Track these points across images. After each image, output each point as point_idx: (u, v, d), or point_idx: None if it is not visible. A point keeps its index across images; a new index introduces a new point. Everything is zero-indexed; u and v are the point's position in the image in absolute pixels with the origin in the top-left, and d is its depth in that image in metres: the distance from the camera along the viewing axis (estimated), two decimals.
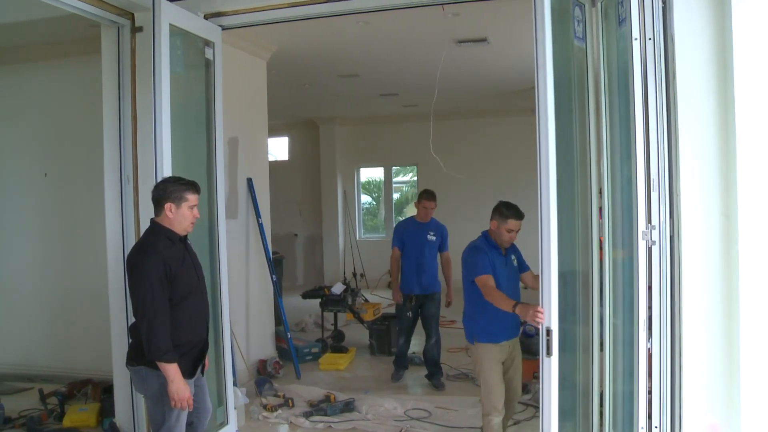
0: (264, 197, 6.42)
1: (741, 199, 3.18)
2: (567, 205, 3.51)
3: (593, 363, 3.64)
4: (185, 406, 3.09)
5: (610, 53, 3.56)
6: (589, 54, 3.59)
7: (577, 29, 3.43)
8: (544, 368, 3.02)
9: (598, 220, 3.62)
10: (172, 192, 3.19)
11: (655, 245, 2.93)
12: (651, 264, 2.92)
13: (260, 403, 5.14)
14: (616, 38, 3.43)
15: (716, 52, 3.28)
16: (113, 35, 4.15)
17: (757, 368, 3.19)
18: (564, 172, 3.29)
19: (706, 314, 3.33)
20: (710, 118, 3.31)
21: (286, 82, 7.80)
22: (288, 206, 11.75)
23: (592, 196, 3.62)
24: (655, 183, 2.91)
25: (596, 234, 3.62)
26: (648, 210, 2.93)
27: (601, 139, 3.52)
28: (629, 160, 3.19)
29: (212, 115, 4.26)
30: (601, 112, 3.54)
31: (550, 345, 2.97)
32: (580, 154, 3.63)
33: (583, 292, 3.67)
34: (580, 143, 3.62)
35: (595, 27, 3.55)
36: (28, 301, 6.04)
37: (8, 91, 6.08)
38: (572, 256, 3.61)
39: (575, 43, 3.43)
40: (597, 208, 3.62)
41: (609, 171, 3.57)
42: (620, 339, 3.47)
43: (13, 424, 4.75)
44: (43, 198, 5.99)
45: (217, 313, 4.22)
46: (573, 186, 3.60)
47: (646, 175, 2.97)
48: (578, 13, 3.43)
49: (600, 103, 3.54)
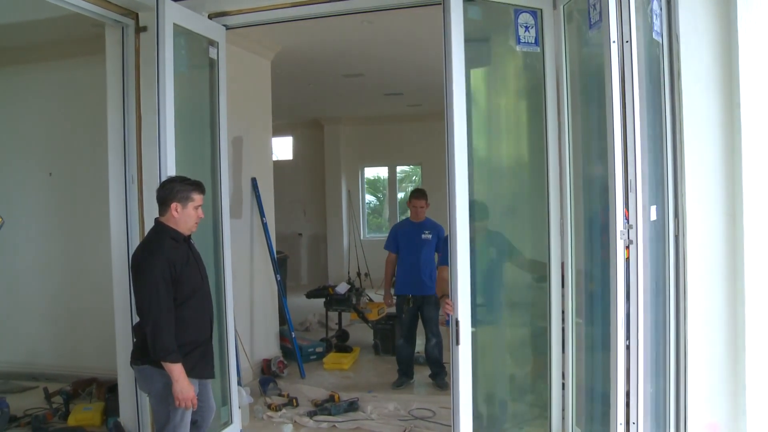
0: (268, 197, 6.42)
1: (746, 199, 3.17)
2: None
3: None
4: (189, 406, 3.09)
5: (576, 55, 3.64)
6: (547, 57, 3.66)
7: (524, 35, 3.56)
8: (454, 356, 3.33)
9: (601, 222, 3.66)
10: (179, 192, 3.19)
11: (632, 244, 2.95)
12: (629, 263, 2.95)
13: (264, 402, 5.15)
14: (585, 41, 3.50)
15: (721, 51, 3.28)
16: (117, 35, 4.16)
17: (763, 368, 3.19)
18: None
19: (711, 314, 3.32)
20: (715, 118, 3.30)
21: (290, 81, 7.80)
22: (292, 206, 11.76)
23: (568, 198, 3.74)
24: (633, 183, 2.94)
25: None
26: (625, 210, 2.96)
27: (563, 139, 3.63)
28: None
29: (216, 114, 4.26)
30: (563, 112, 3.64)
31: (458, 335, 3.30)
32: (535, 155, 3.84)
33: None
34: (537, 143, 3.78)
35: (555, 30, 3.64)
36: (33, 300, 6.06)
37: (13, 91, 6.09)
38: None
39: (519, 49, 3.62)
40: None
41: (572, 171, 3.66)
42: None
43: (19, 422, 4.76)
44: (48, 197, 6.01)
45: (222, 313, 4.22)
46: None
47: (623, 176, 2.98)
48: (526, 20, 3.58)
49: (562, 103, 3.63)
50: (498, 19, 3.70)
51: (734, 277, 3.24)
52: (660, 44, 3.35)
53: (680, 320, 3.40)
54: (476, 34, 3.59)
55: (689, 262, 3.32)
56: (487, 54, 3.84)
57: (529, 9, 3.62)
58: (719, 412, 3.30)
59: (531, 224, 3.97)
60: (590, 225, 3.69)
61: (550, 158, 3.72)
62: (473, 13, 3.52)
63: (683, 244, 3.35)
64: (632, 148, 2.94)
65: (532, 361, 3.99)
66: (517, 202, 4.07)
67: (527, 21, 3.60)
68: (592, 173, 3.67)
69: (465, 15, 3.36)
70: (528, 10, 3.61)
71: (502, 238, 3.95)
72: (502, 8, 3.65)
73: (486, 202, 3.87)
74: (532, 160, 3.92)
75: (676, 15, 3.32)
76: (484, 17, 3.66)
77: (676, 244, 3.41)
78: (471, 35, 3.45)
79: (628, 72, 2.94)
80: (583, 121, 3.68)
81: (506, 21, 3.64)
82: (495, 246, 3.94)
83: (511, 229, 4.01)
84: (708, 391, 3.32)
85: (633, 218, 2.94)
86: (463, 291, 3.35)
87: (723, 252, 3.27)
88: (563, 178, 3.71)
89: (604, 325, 3.31)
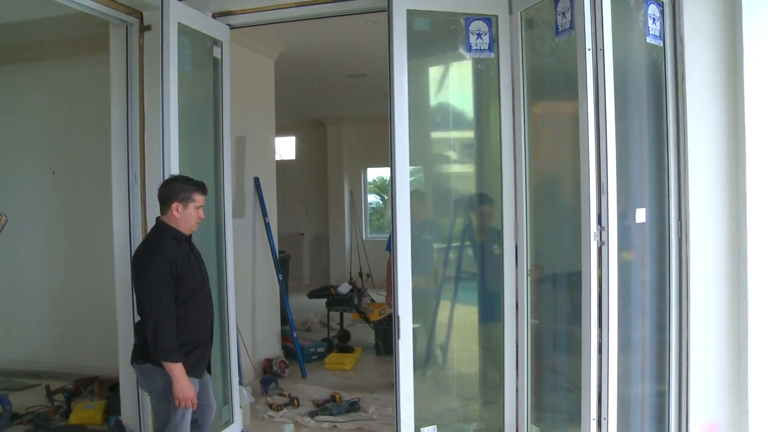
0: (271, 196, 6.42)
1: (750, 202, 3.17)
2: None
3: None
4: (189, 406, 3.09)
5: (536, 60, 3.75)
6: (502, 63, 3.74)
7: (476, 42, 3.71)
8: (396, 350, 3.61)
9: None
10: (180, 192, 3.19)
11: (604, 245, 3.05)
12: (601, 262, 3.06)
13: (266, 402, 5.15)
14: (551, 46, 3.58)
15: (726, 53, 3.27)
16: (121, 34, 4.16)
17: (766, 369, 3.18)
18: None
19: (713, 315, 3.32)
20: (719, 121, 3.30)
21: (293, 81, 7.80)
22: (295, 206, 11.76)
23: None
24: (605, 186, 3.04)
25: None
26: (599, 212, 3.06)
27: (518, 140, 3.74)
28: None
29: (220, 114, 4.27)
30: (518, 115, 3.72)
31: (399, 329, 3.59)
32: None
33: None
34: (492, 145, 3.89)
35: (513, 35, 3.71)
36: (35, 298, 6.07)
37: (17, 89, 6.10)
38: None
39: (470, 56, 3.76)
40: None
41: (527, 175, 3.74)
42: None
43: (21, 420, 4.77)
44: (51, 196, 6.02)
45: (224, 312, 4.22)
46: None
47: (597, 179, 3.07)
48: (479, 27, 3.72)
49: (518, 107, 3.72)
50: (448, 28, 3.80)
51: (737, 279, 3.24)
52: (659, 47, 3.38)
53: (683, 321, 3.40)
54: (425, 43, 3.78)
55: (692, 263, 3.32)
56: (438, 62, 4.02)
57: (483, 16, 3.72)
58: (722, 413, 3.30)
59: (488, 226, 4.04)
60: (548, 224, 3.81)
61: (504, 161, 3.78)
62: (420, 25, 3.68)
63: (686, 246, 3.35)
64: (604, 153, 3.05)
65: (485, 359, 4.08)
66: (471, 202, 4.19)
67: (480, 28, 3.71)
68: (553, 176, 3.84)
69: (411, 27, 3.58)
70: (481, 17, 3.71)
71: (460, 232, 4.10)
72: (452, 18, 3.75)
73: (434, 201, 4.10)
74: (486, 161, 4.05)
75: (680, 17, 3.33)
76: (432, 27, 3.79)
77: (679, 246, 3.41)
78: (419, 45, 3.68)
79: (601, 78, 3.04)
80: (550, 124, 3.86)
81: (457, 29, 3.75)
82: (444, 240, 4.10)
83: (464, 229, 4.14)
84: (710, 392, 3.32)
85: (605, 220, 3.04)
86: (403, 287, 3.58)
87: (726, 254, 3.27)
88: (518, 181, 3.76)
89: (569, 324, 3.50)
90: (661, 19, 3.38)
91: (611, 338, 3.03)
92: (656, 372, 3.53)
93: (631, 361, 3.41)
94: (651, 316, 3.56)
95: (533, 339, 3.74)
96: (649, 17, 3.32)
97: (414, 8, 3.61)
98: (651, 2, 3.31)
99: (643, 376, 3.52)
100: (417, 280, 3.72)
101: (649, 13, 3.31)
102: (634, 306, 3.47)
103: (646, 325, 3.57)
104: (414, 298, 3.66)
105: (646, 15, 3.31)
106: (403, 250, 3.61)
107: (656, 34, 3.36)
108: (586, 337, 3.09)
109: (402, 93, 3.58)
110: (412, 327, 3.62)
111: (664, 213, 3.45)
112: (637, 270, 3.48)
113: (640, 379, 3.48)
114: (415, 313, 3.67)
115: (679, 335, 3.43)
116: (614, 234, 3.04)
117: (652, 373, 3.55)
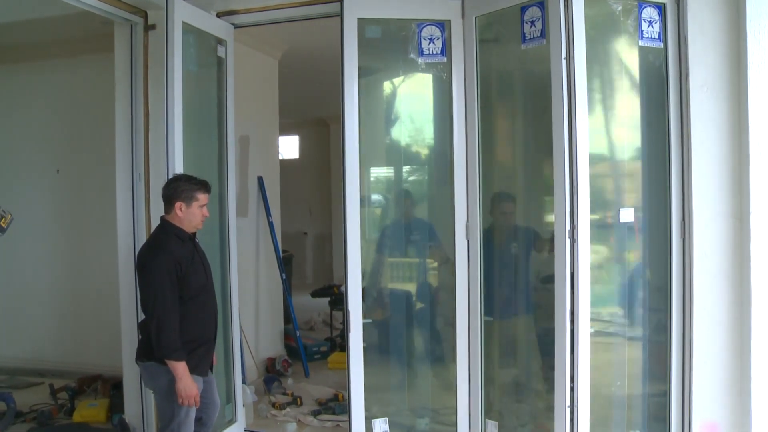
0: (274, 195, 6.43)
1: (754, 202, 3.17)
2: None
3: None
4: (192, 404, 3.10)
5: (494, 65, 3.87)
6: (455, 66, 3.80)
7: (428, 47, 3.80)
8: (347, 343, 3.72)
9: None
10: (184, 191, 3.19)
11: (576, 243, 3.25)
12: (573, 259, 3.27)
13: (269, 401, 5.15)
14: (512, 54, 3.77)
15: (729, 53, 3.28)
16: (126, 33, 4.18)
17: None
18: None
19: (717, 314, 3.32)
20: (722, 120, 3.30)
21: (297, 80, 7.80)
22: (298, 205, 11.76)
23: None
24: (576, 186, 3.25)
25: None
26: (572, 211, 3.27)
27: (471, 143, 3.80)
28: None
29: (224, 113, 4.27)
30: (471, 117, 3.77)
31: (349, 323, 3.70)
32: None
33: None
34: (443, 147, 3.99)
35: (467, 39, 3.77)
36: (39, 297, 6.09)
37: (22, 88, 6.11)
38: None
39: (422, 61, 3.85)
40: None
41: (481, 181, 3.80)
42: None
43: (24, 418, 4.78)
44: (55, 195, 6.03)
45: (227, 311, 4.23)
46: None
47: (570, 181, 3.27)
48: (431, 32, 3.80)
49: (470, 110, 3.78)
50: (399, 34, 3.89)
51: (741, 279, 3.25)
52: (657, 49, 3.45)
53: (686, 320, 3.40)
54: (377, 49, 3.91)
55: (695, 263, 3.33)
56: (390, 67, 4.15)
57: (435, 21, 3.78)
58: (725, 412, 3.30)
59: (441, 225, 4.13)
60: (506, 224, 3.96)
61: (456, 163, 3.83)
62: (372, 33, 3.79)
63: (689, 245, 3.36)
64: (575, 155, 3.27)
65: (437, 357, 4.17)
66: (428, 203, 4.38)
67: (432, 33, 3.79)
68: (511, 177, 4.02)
69: (362, 35, 3.72)
70: (434, 22, 3.78)
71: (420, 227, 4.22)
72: (404, 24, 3.83)
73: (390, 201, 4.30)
74: (438, 164, 4.17)
75: (684, 18, 3.34)
76: (384, 34, 3.89)
77: (682, 246, 3.42)
78: (371, 51, 3.85)
79: (572, 84, 3.25)
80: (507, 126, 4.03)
81: (409, 35, 3.83)
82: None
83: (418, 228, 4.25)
84: (713, 391, 3.32)
85: (575, 219, 3.24)
86: (353, 283, 3.71)
87: (730, 253, 3.28)
88: (471, 185, 3.81)
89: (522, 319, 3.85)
90: (661, 20, 3.42)
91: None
92: (657, 371, 3.56)
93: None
94: (648, 314, 3.62)
95: (486, 334, 3.83)
96: (644, 21, 3.42)
97: (365, 17, 3.73)
98: (646, 6, 3.40)
99: (634, 372, 3.64)
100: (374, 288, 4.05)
101: (644, 16, 3.41)
102: (631, 304, 3.59)
103: (645, 323, 3.63)
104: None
105: (639, 19, 3.41)
106: (353, 247, 3.73)
107: (654, 36, 3.44)
108: (560, 328, 3.32)
109: (352, 100, 3.74)
110: (362, 322, 3.74)
111: (665, 210, 3.47)
112: (623, 268, 3.65)
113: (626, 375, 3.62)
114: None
115: (682, 334, 3.44)
116: (586, 231, 3.26)
117: (649, 371, 3.62)
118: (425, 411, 4.12)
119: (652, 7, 3.40)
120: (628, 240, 3.57)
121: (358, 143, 3.74)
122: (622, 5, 3.42)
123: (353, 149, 3.74)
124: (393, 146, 4.31)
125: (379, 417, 3.89)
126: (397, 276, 4.23)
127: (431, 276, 4.20)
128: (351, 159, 3.74)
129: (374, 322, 3.98)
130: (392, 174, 4.38)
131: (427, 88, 4.09)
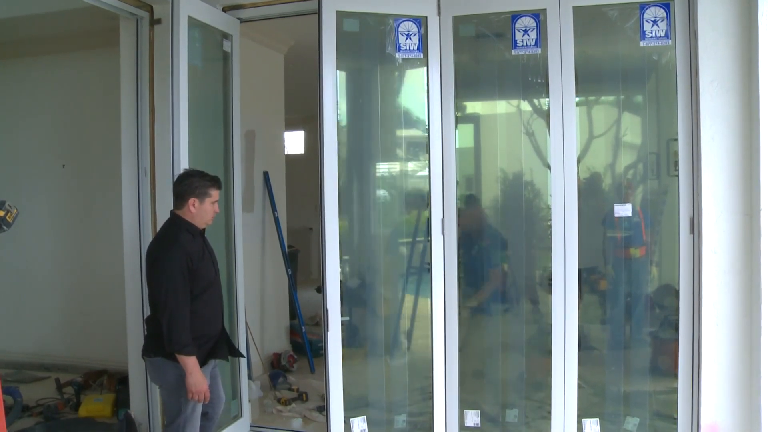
0: (280, 191, 6.42)
1: (764, 198, 3.14)
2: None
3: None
4: (202, 399, 3.10)
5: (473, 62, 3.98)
6: (431, 62, 3.82)
7: (405, 43, 3.83)
8: (325, 341, 3.77)
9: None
10: (197, 187, 3.18)
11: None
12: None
13: (274, 396, 5.16)
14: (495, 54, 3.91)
15: (741, 48, 3.24)
16: (132, 27, 4.16)
17: None
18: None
19: (726, 312, 3.30)
20: (733, 116, 3.27)
21: (303, 75, 7.76)
22: (303, 200, 11.75)
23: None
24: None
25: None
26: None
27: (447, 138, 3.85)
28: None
29: (230, 108, 4.26)
30: (449, 114, 3.83)
31: (328, 322, 3.74)
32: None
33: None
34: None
35: (443, 35, 3.80)
36: (45, 291, 6.10)
37: (27, 83, 6.12)
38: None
39: (400, 56, 3.87)
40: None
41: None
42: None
43: (31, 412, 4.80)
44: (61, 189, 6.04)
45: (233, 306, 4.23)
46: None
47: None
48: (408, 28, 3.84)
49: (448, 108, 3.83)
50: (377, 29, 3.90)
51: (750, 276, 3.22)
52: (661, 47, 3.52)
53: (695, 318, 3.38)
54: (355, 43, 3.92)
55: (704, 259, 3.31)
56: (368, 62, 4.13)
57: (412, 17, 3.80)
58: (734, 411, 3.28)
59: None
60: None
61: (432, 159, 3.87)
62: (350, 26, 3.80)
63: (699, 242, 3.33)
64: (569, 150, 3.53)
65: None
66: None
67: (409, 29, 3.82)
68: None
69: (340, 27, 3.73)
70: (410, 18, 3.80)
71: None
72: (381, 18, 3.84)
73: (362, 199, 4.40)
74: (415, 158, 4.29)
75: (694, 12, 3.31)
76: (362, 28, 3.89)
77: (691, 242, 3.39)
78: (349, 45, 3.87)
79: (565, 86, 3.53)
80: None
81: (386, 30, 3.85)
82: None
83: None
84: (722, 390, 3.30)
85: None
86: (331, 282, 3.77)
87: (739, 250, 3.25)
88: (448, 180, 3.86)
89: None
90: (668, 18, 3.40)
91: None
92: (665, 369, 3.57)
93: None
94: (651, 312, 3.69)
95: (464, 330, 3.90)
96: (647, 21, 3.48)
97: (343, 9, 3.71)
98: (649, 6, 3.46)
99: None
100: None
101: (646, 17, 3.47)
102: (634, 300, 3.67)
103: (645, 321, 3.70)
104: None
105: (642, 20, 3.48)
106: (331, 246, 3.84)
107: (659, 35, 3.47)
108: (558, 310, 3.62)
109: (330, 93, 3.82)
110: (340, 320, 3.80)
111: (672, 208, 3.46)
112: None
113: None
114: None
115: (691, 332, 3.41)
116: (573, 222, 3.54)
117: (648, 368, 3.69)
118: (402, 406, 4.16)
119: (657, 6, 3.45)
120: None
121: (336, 139, 3.92)
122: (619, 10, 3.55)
123: (331, 146, 3.96)
124: (371, 140, 4.36)
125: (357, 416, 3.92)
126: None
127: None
128: (329, 156, 3.97)
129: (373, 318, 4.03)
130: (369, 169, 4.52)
131: (404, 84, 4.13)
